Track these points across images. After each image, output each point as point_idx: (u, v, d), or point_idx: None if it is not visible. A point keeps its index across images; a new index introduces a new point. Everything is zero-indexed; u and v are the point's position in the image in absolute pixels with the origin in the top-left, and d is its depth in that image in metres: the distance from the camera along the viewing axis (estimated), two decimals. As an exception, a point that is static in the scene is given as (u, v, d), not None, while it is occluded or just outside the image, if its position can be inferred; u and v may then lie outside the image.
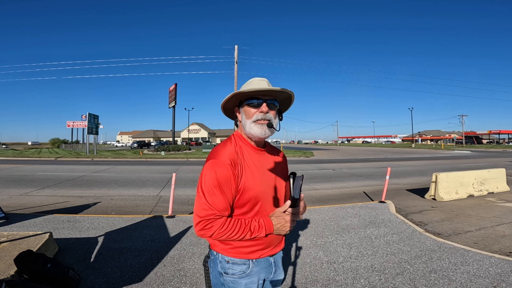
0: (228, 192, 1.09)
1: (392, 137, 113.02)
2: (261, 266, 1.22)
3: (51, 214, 5.09)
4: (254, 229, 1.11)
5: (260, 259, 1.21)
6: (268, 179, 1.20)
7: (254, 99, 1.16)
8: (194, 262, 3.16)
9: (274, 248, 1.25)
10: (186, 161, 20.34)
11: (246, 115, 1.17)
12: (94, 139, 31.42)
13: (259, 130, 1.14)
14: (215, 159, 1.11)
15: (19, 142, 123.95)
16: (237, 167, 1.11)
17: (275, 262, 1.29)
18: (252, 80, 1.22)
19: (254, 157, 1.19)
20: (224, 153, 1.12)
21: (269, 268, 1.26)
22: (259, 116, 1.14)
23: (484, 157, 23.58)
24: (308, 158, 22.98)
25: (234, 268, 1.17)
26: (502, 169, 7.97)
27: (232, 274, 1.17)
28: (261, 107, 1.15)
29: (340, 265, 3.10)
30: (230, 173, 1.08)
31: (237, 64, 27.41)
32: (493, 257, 3.26)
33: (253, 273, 1.20)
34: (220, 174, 1.07)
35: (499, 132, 71.50)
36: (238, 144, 1.19)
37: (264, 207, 1.17)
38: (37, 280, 2.45)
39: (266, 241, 1.20)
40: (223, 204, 1.08)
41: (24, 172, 12.73)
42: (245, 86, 1.21)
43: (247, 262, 1.18)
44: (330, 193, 7.92)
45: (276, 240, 1.24)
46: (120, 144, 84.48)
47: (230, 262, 1.17)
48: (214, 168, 1.08)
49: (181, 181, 9.74)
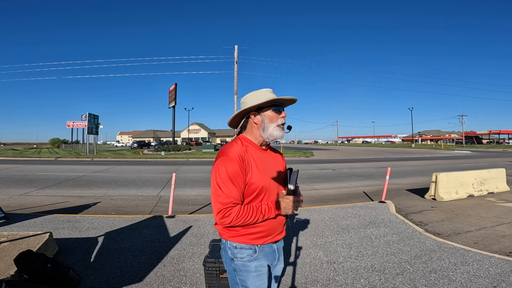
0: (240, 183, 1.25)
1: (392, 137, 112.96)
2: (266, 251, 1.36)
3: (51, 214, 5.09)
4: (265, 211, 1.27)
5: (265, 245, 1.35)
6: (270, 173, 1.37)
7: (279, 106, 1.37)
8: (194, 262, 3.16)
9: (277, 235, 1.40)
10: (186, 161, 20.34)
11: (269, 119, 1.35)
12: (94, 139, 31.42)
13: (280, 133, 1.36)
14: (226, 156, 1.26)
15: (19, 142, 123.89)
16: (245, 163, 1.27)
17: (277, 249, 1.44)
18: (266, 90, 1.39)
19: (258, 155, 1.36)
20: (233, 151, 1.29)
21: (273, 254, 1.41)
22: (282, 121, 1.37)
23: (484, 157, 23.58)
24: (308, 158, 22.97)
25: (242, 253, 1.32)
26: (502, 169, 7.97)
27: (241, 258, 1.32)
28: (282, 113, 1.38)
29: (340, 265, 3.10)
30: (238, 168, 1.24)
31: (237, 64, 27.40)
32: (493, 257, 3.26)
33: (261, 257, 1.34)
34: (231, 168, 1.23)
35: (499, 132, 71.47)
36: (244, 144, 1.35)
37: (268, 197, 1.33)
38: (37, 280, 2.45)
39: (269, 228, 1.34)
40: (237, 193, 1.24)
41: (24, 172, 12.73)
42: (263, 96, 1.36)
43: (253, 247, 1.32)
44: (330, 193, 7.92)
45: (278, 228, 1.39)
46: (120, 144, 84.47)
47: (238, 248, 1.32)
48: (225, 163, 1.24)
49: (181, 181, 9.74)
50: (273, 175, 1.39)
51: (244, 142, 1.37)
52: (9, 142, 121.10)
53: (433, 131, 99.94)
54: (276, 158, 1.49)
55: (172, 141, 35.08)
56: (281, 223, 1.40)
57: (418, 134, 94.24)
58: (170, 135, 62.25)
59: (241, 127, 1.44)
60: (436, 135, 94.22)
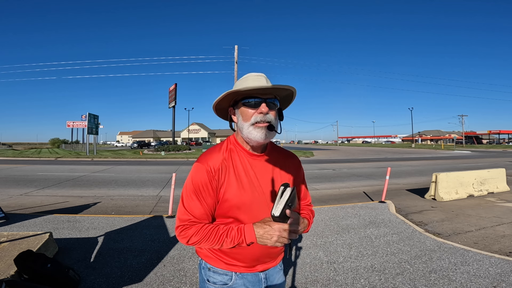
0: (206, 198, 1.01)
1: (392, 137, 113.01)
2: (248, 279, 1.09)
3: (51, 214, 5.09)
4: (233, 236, 0.96)
5: (247, 273, 1.09)
6: (261, 186, 1.06)
7: (252, 98, 1.00)
8: (194, 262, 3.16)
9: (264, 264, 1.11)
10: (186, 161, 20.33)
11: (242, 116, 1.02)
12: (94, 139, 31.42)
13: (259, 134, 0.99)
14: (197, 163, 1.04)
15: (19, 142, 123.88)
16: (218, 173, 1.01)
17: (266, 278, 1.14)
18: (248, 76, 1.06)
19: (245, 164, 1.06)
20: (208, 158, 1.04)
21: (258, 284, 1.11)
22: (258, 118, 0.99)
23: (484, 157, 23.58)
24: (308, 158, 22.97)
25: (215, 278, 1.09)
26: (502, 169, 7.96)
27: (213, 283, 1.09)
28: (260, 107, 0.99)
29: (340, 265, 3.10)
30: (206, 180, 1.00)
31: (237, 64, 27.41)
32: (493, 257, 3.26)
33: (237, 286, 1.08)
34: (198, 180, 1.01)
35: (499, 132, 71.47)
36: (228, 149, 1.07)
37: (254, 218, 1.02)
38: (37, 280, 2.44)
39: (249, 258, 1.06)
40: (200, 210, 1.00)
41: (24, 172, 12.73)
42: (241, 83, 1.04)
43: (229, 273, 1.08)
44: (330, 193, 7.92)
45: (266, 258, 1.10)
46: (120, 144, 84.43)
47: (211, 270, 1.10)
48: (193, 172, 1.02)
49: (181, 181, 9.73)
50: (266, 189, 1.07)
51: (230, 145, 1.09)
52: (9, 142, 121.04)
53: (433, 131, 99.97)
54: (278, 165, 1.12)
55: (172, 141, 35.08)
56: (271, 252, 1.10)
57: (418, 134, 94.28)
58: (170, 135, 62.31)
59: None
60: (436, 135, 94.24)
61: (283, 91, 1.05)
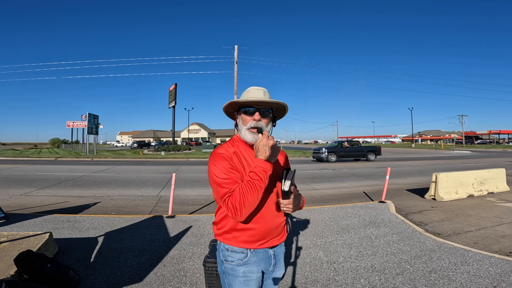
0: (231, 172, 1.21)
1: (392, 137, 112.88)
2: (260, 257, 1.30)
3: (51, 214, 5.09)
4: (256, 175, 1.14)
5: (259, 250, 1.29)
6: None
7: (249, 107, 1.30)
8: (194, 262, 3.16)
9: (273, 239, 1.32)
10: (186, 161, 20.34)
11: (242, 121, 1.33)
12: (94, 139, 31.43)
13: (251, 137, 1.29)
14: (215, 152, 1.28)
15: (19, 142, 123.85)
16: (234, 159, 1.25)
17: (275, 255, 1.36)
18: (250, 89, 1.35)
19: (248, 154, 1.32)
20: (223, 148, 1.29)
21: (268, 260, 1.33)
22: (252, 124, 1.29)
23: (484, 157, 23.58)
24: (308, 158, 22.96)
25: (233, 256, 1.27)
26: (502, 169, 7.97)
27: (231, 261, 1.28)
28: (254, 115, 1.29)
29: (340, 265, 3.10)
30: (226, 160, 1.23)
31: (237, 64, 27.42)
32: (493, 257, 3.26)
33: (252, 263, 1.28)
34: (219, 162, 1.22)
35: (499, 132, 71.45)
36: (235, 143, 1.34)
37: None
38: (37, 280, 2.45)
39: (263, 231, 1.27)
40: (230, 181, 1.18)
41: (24, 172, 12.73)
42: (243, 95, 1.36)
43: (245, 251, 1.27)
44: (330, 193, 7.92)
45: (275, 231, 1.31)
46: (120, 144, 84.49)
47: (229, 250, 1.28)
48: (214, 159, 1.25)
49: (181, 181, 9.74)
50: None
51: (235, 141, 1.35)
52: (9, 142, 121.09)
53: (433, 131, 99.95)
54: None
55: (172, 141, 35.09)
56: (279, 226, 1.32)
57: (418, 134, 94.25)
58: (170, 135, 62.21)
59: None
60: (436, 135, 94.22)
61: (276, 104, 1.33)
